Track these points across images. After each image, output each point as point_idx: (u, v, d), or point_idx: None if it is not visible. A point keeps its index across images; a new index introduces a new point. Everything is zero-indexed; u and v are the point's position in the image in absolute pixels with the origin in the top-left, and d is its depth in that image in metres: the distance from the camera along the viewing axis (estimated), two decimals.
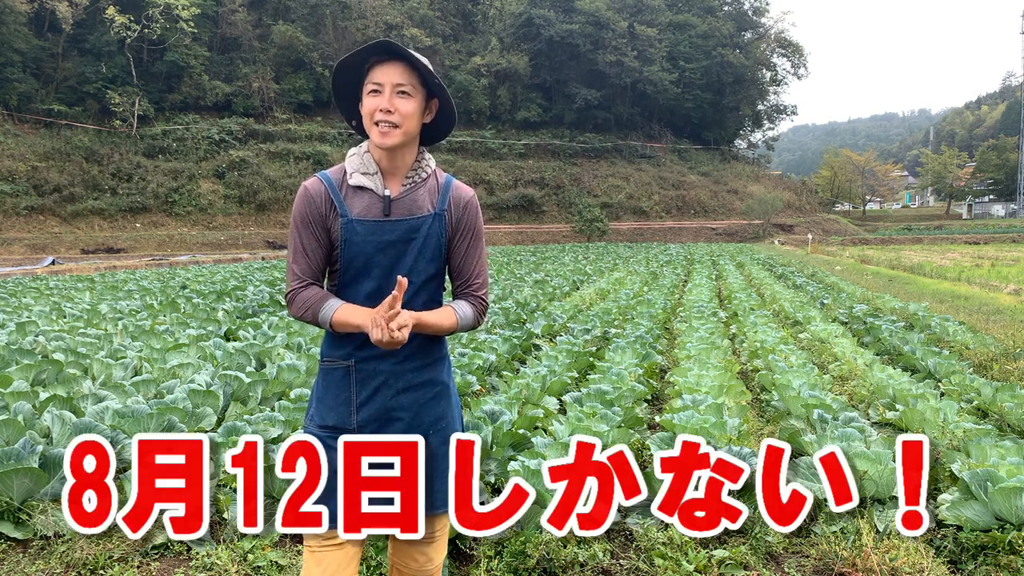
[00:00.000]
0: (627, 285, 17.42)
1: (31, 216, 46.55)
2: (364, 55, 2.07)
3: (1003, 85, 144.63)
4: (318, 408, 2.17)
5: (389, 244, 2.09)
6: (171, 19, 54.47)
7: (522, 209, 61.74)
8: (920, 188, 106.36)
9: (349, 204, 2.09)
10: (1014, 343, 8.10)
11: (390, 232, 2.09)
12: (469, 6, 76.09)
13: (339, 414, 2.12)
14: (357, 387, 2.11)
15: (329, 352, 2.16)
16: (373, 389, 2.12)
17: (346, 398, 2.12)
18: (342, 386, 2.12)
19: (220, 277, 21.02)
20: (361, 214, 2.08)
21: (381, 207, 2.10)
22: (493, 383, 6.60)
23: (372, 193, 2.11)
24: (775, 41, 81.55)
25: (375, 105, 2.04)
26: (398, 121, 2.04)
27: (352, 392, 2.12)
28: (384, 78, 2.04)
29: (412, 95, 2.06)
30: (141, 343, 8.18)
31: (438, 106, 2.17)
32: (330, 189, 2.09)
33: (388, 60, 2.05)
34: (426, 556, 2.26)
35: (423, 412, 2.16)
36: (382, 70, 2.04)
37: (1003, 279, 17.32)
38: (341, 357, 2.12)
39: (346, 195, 2.10)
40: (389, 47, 2.04)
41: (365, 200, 2.10)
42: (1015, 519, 3.36)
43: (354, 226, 2.07)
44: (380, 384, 2.12)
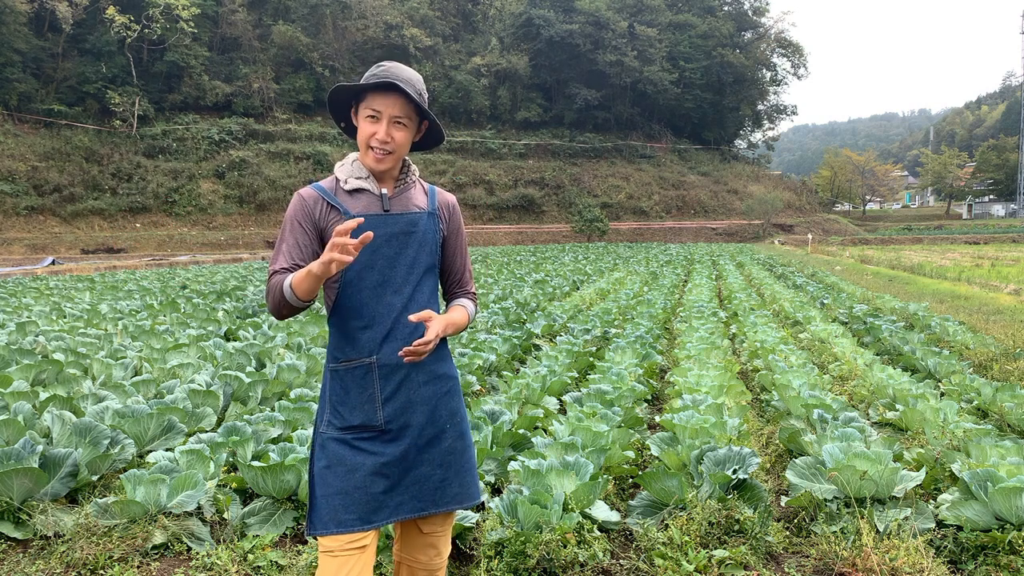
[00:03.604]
0: (627, 285, 17.42)
1: (31, 216, 46.55)
2: (368, 89, 2.12)
3: (1003, 85, 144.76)
4: (337, 411, 2.15)
5: (392, 236, 2.16)
6: (171, 19, 54.47)
7: (522, 209, 61.73)
8: (920, 188, 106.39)
9: (348, 205, 2.16)
10: (1014, 343, 8.10)
11: (392, 225, 2.16)
12: (469, 6, 76.09)
13: (365, 412, 2.13)
14: (380, 383, 2.14)
15: (345, 353, 2.16)
16: (396, 384, 2.15)
17: (370, 395, 2.14)
18: (365, 384, 2.14)
19: (220, 277, 21.03)
20: (362, 211, 2.16)
21: (380, 204, 2.18)
22: (493, 383, 6.60)
23: (369, 193, 2.19)
24: (775, 41, 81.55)
25: (372, 132, 2.12)
26: (393, 149, 2.14)
27: (376, 389, 2.14)
28: (383, 107, 2.11)
29: (408, 126, 2.16)
30: (141, 343, 8.18)
31: (427, 126, 2.27)
32: (324, 194, 2.16)
33: (388, 91, 2.11)
34: (436, 550, 2.33)
35: (440, 406, 2.22)
36: (382, 99, 2.11)
37: (1003, 279, 17.31)
38: (363, 355, 2.14)
39: (343, 198, 2.17)
40: (394, 86, 2.08)
41: (363, 200, 2.18)
42: (1015, 519, 3.35)
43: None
44: (403, 378, 2.15)
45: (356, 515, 2.08)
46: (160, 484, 3.59)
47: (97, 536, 3.45)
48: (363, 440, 2.12)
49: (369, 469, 2.10)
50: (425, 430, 2.18)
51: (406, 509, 2.16)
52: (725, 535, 3.42)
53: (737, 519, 3.46)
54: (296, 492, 3.75)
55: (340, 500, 2.08)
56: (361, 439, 2.12)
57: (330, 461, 2.11)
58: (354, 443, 2.11)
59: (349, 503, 2.08)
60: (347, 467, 2.10)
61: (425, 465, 2.18)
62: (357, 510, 2.08)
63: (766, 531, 3.46)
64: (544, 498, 3.35)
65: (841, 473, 3.59)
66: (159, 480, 3.60)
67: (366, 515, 2.09)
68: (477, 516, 3.55)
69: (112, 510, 3.58)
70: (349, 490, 2.09)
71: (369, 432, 2.13)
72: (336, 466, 2.10)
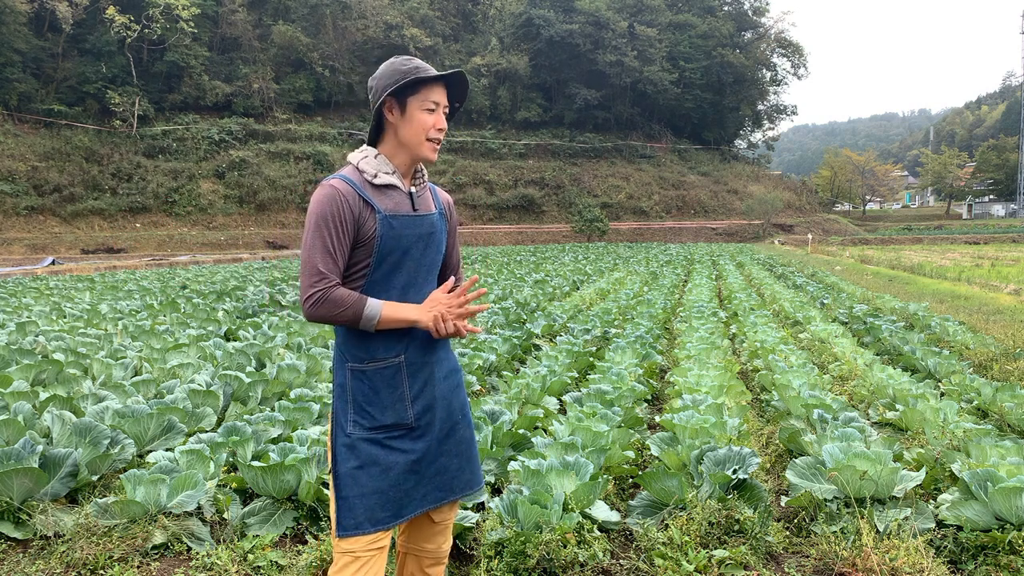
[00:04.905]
0: (627, 285, 17.42)
1: (31, 216, 46.55)
2: (441, 78, 2.18)
3: (1003, 85, 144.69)
4: (366, 411, 2.14)
5: (419, 237, 2.19)
6: (171, 19, 54.47)
7: (522, 209, 61.71)
8: (920, 188, 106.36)
9: (380, 202, 2.13)
10: (1014, 343, 8.09)
11: (419, 226, 2.19)
12: (469, 6, 76.06)
13: (396, 411, 2.16)
14: (409, 381, 2.17)
15: (370, 353, 2.14)
16: (423, 381, 2.19)
17: (401, 394, 2.16)
18: (395, 383, 2.16)
19: (220, 277, 21.03)
20: (393, 210, 2.14)
21: (410, 203, 2.20)
22: (493, 383, 6.60)
23: (398, 190, 2.19)
24: (775, 41, 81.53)
25: (432, 122, 2.17)
26: (442, 139, 2.23)
27: (405, 388, 2.17)
28: (440, 99, 2.18)
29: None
30: (141, 343, 8.18)
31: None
32: (357, 189, 2.12)
33: (440, 81, 2.18)
34: (444, 537, 2.39)
35: (453, 399, 2.29)
36: (439, 90, 2.18)
37: (1003, 279, 17.31)
38: (391, 355, 2.15)
39: (372, 194, 2.14)
40: (463, 78, 2.20)
41: (394, 197, 2.17)
42: (1015, 519, 3.35)
43: (389, 221, 2.12)
44: (428, 375, 2.21)
45: (390, 512, 2.13)
46: (160, 484, 3.59)
47: (97, 536, 3.44)
48: (394, 439, 2.15)
49: (403, 467, 2.15)
50: (445, 423, 2.24)
51: (430, 500, 2.22)
52: (725, 535, 3.42)
53: (737, 519, 3.46)
54: (296, 492, 3.75)
55: (376, 499, 2.11)
56: (392, 438, 2.15)
57: (363, 462, 2.11)
58: (386, 442, 2.14)
59: (385, 501, 2.12)
60: (381, 467, 2.12)
61: (445, 456, 2.24)
62: (391, 507, 2.13)
63: (766, 531, 3.46)
64: (544, 498, 3.35)
65: (841, 473, 3.59)
66: (159, 480, 3.60)
67: (398, 511, 2.15)
68: (477, 516, 3.55)
69: (112, 510, 3.58)
70: (384, 489, 2.12)
71: (400, 430, 2.16)
72: (370, 466, 2.12)
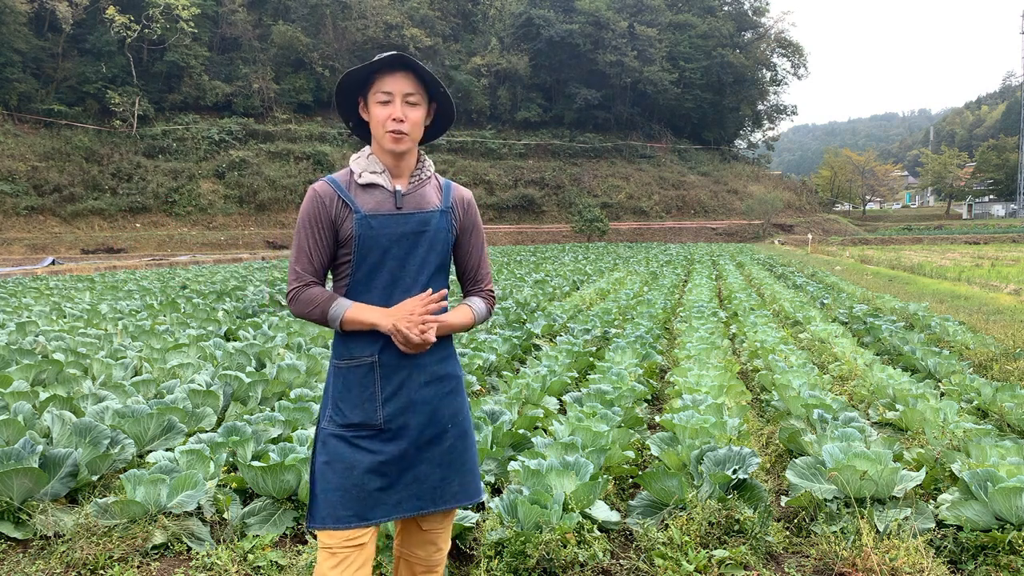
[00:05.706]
0: (627, 285, 17.42)
1: (31, 216, 46.53)
2: (376, 67, 2.13)
3: (1003, 85, 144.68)
4: (338, 408, 2.17)
5: (402, 236, 2.15)
6: (171, 19, 54.45)
7: (522, 209, 61.71)
8: (920, 188, 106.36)
9: (360, 201, 2.14)
10: (1014, 343, 8.09)
11: (403, 224, 2.16)
12: (469, 6, 76.03)
13: (364, 411, 2.14)
14: (381, 382, 2.14)
15: (348, 351, 2.16)
16: (398, 384, 2.15)
17: (371, 394, 2.14)
18: (366, 383, 2.14)
19: (220, 277, 21.03)
20: (373, 209, 2.14)
21: (393, 201, 2.17)
22: (493, 383, 6.60)
23: (383, 189, 2.18)
24: (775, 41, 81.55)
25: (387, 114, 2.12)
26: (407, 129, 2.13)
27: (376, 388, 2.14)
28: (394, 88, 2.12)
29: (419, 104, 2.16)
30: (141, 343, 8.18)
31: (436, 108, 2.28)
32: (338, 189, 2.15)
33: (397, 70, 2.12)
34: (435, 546, 2.35)
35: (442, 406, 2.21)
36: (392, 80, 2.12)
37: (1003, 279, 17.31)
38: (364, 354, 2.14)
39: (356, 193, 2.16)
40: (403, 59, 2.11)
41: (376, 196, 2.16)
42: (1015, 519, 3.35)
43: (368, 221, 2.12)
44: (404, 378, 2.16)
45: (353, 512, 2.10)
46: (160, 484, 3.59)
47: (97, 536, 3.44)
48: (362, 438, 2.13)
49: (366, 467, 2.11)
50: (425, 430, 2.18)
51: (405, 508, 2.17)
52: (725, 535, 3.42)
53: (737, 519, 3.45)
54: (296, 492, 3.75)
55: (338, 496, 2.10)
56: (360, 437, 2.13)
57: (330, 457, 2.13)
58: (353, 440, 2.12)
59: (346, 500, 2.10)
60: (345, 464, 2.11)
61: (424, 464, 2.18)
62: (354, 507, 2.10)
63: (766, 531, 3.46)
64: (544, 498, 3.35)
65: (841, 473, 3.59)
66: (159, 480, 3.60)
67: (362, 512, 2.11)
68: (477, 516, 3.55)
69: (112, 510, 3.57)
70: (347, 487, 2.10)
71: (368, 430, 2.14)
72: (335, 462, 2.12)
